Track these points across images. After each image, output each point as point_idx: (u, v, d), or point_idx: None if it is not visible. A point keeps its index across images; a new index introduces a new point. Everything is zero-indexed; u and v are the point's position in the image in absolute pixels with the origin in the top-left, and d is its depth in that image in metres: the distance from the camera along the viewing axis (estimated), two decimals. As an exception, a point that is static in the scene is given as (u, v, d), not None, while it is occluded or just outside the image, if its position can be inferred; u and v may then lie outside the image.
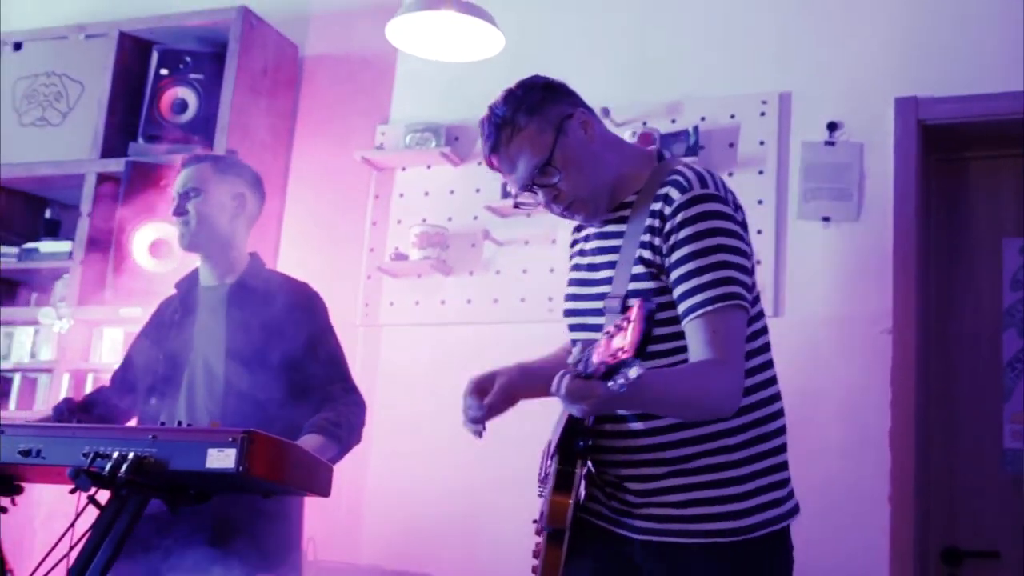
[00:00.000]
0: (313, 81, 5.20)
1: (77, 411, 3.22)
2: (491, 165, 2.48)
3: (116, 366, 3.49)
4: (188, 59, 5.01)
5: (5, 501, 2.80)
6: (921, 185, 4.09)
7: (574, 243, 2.69)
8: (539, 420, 3.14)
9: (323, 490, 2.55)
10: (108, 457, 2.24)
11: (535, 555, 2.45)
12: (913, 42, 4.14)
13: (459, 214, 4.71)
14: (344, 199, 4.95)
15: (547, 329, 4.44)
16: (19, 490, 2.79)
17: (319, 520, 3.78)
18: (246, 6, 4.97)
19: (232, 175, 3.27)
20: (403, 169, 4.86)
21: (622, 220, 2.42)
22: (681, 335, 2.28)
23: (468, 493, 4.31)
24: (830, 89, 4.23)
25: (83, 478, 2.24)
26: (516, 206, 2.59)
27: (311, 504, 3.17)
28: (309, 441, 2.88)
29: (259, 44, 5.00)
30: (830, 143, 4.20)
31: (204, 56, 5.02)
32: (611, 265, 2.41)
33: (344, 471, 2.87)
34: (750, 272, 2.31)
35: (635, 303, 1.79)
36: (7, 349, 5.13)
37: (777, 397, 2.42)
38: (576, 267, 2.61)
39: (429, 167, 4.80)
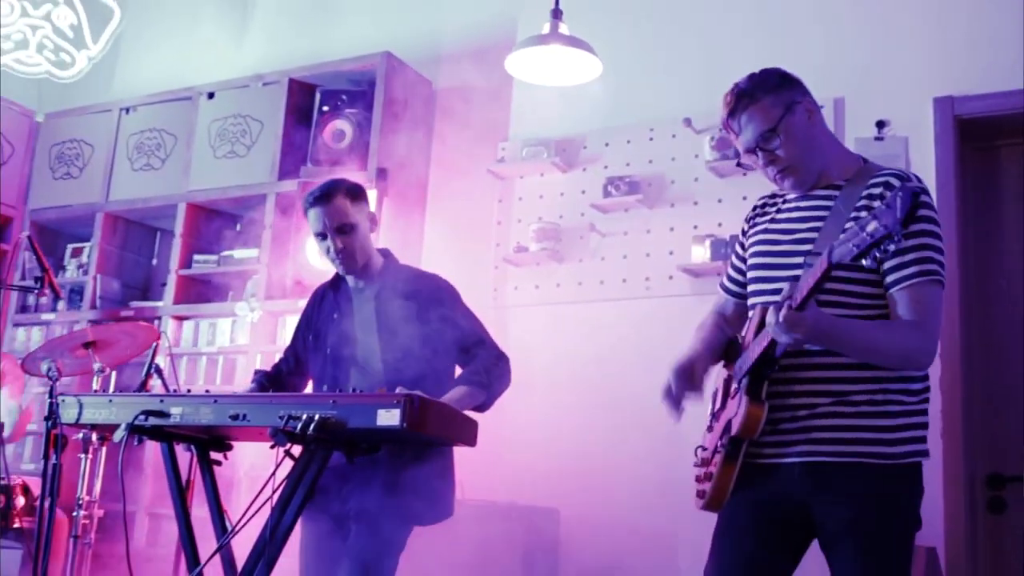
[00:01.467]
0: (445, 109, 5.26)
1: (269, 380, 3.25)
2: (726, 127, 2.50)
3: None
4: (344, 97, 5.10)
5: (219, 456, 2.96)
6: (958, 171, 4.06)
7: (763, 211, 2.65)
8: (640, 379, 3.23)
9: (470, 441, 2.62)
10: (299, 419, 2.35)
11: (700, 480, 2.48)
12: (948, 48, 4.10)
13: (568, 212, 4.78)
14: (474, 204, 5.01)
15: (644, 304, 4.56)
16: (229, 447, 2.94)
17: (464, 465, 3.90)
18: (389, 51, 5.08)
19: (361, 200, 3.15)
20: (521, 178, 4.93)
21: (830, 198, 2.42)
22: (873, 305, 2.33)
23: (588, 440, 4.34)
24: (877, 92, 4.20)
25: (280, 436, 2.36)
26: (738, 165, 2.61)
27: (458, 452, 3.14)
28: (457, 392, 2.86)
29: (400, 81, 5.09)
30: (879, 138, 4.17)
31: (357, 94, 5.11)
32: (814, 230, 2.40)
33: (485, 425, 2.87)
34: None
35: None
36: (212, 336, 5.28)
37: None
38: (765, 230, 2.56)
39: (542, 175, 4.87)
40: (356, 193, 3.13)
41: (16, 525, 3.90)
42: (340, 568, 2.92)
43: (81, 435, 3.86)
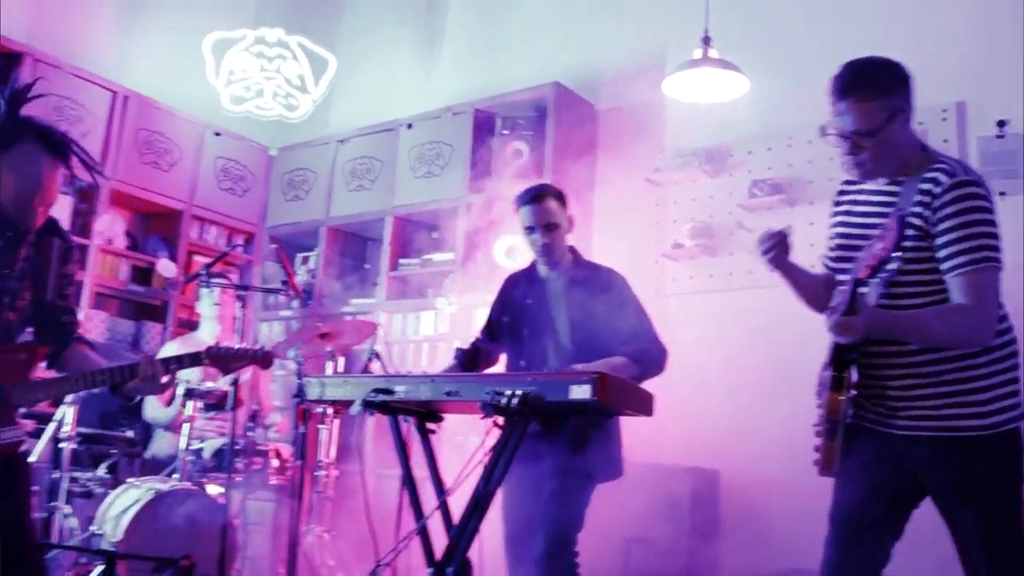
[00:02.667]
0: (606, 127, 5.31)
1: (467, 356, 3.33)
2: (832, 103, 2.38)
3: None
4: (521, 121, 5.22)
5: (433, 426, 3.11)
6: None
7: (845, 196, 2.58)
8: (785, 354, 3.20)
9: (648, 411, 2.67)
10: (503, 394, 2.41)
11: (816, 450, 2.45)
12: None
13: (718, 212, 4.77)
14: (634, 208, 5.04)
15: (787, 291, 4.48)
16: (441, 419, 3.01)
17: (636, 432, 3.95)
18: (557, 81, 5.19)
19: (565, 204, 3.22)
20: (675, 184, 4.95)
21: (895, 194, 2.36)
22: (929, 291, 2.28)
23: (741, 407, 4.33)
24: (995, 94, 4.07)
25: (489, 409, 2.42)
26: (823, 135, 2.44)
27: (631, 420, 3.15)
28: (615, 360, 2.88)
29: (567, 105, 5.18)
30: (1000, 136, 4.03)
31: (531, 118, 5.22)
32: (882, 215, 2.34)
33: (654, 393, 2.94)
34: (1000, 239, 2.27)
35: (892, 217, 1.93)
36: (416, 327, 5.48)
37: (1010, 329, 2.35)
38: (847, 213, 2.52)
39: (694, 181, 4.87)
40: (561, 198, 3.24)
41: (272, 482, 4.14)
42: (537, 518, 3.03)
43: (320, 409, 4.08)
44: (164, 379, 2.67)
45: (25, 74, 5.17)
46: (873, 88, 2.33)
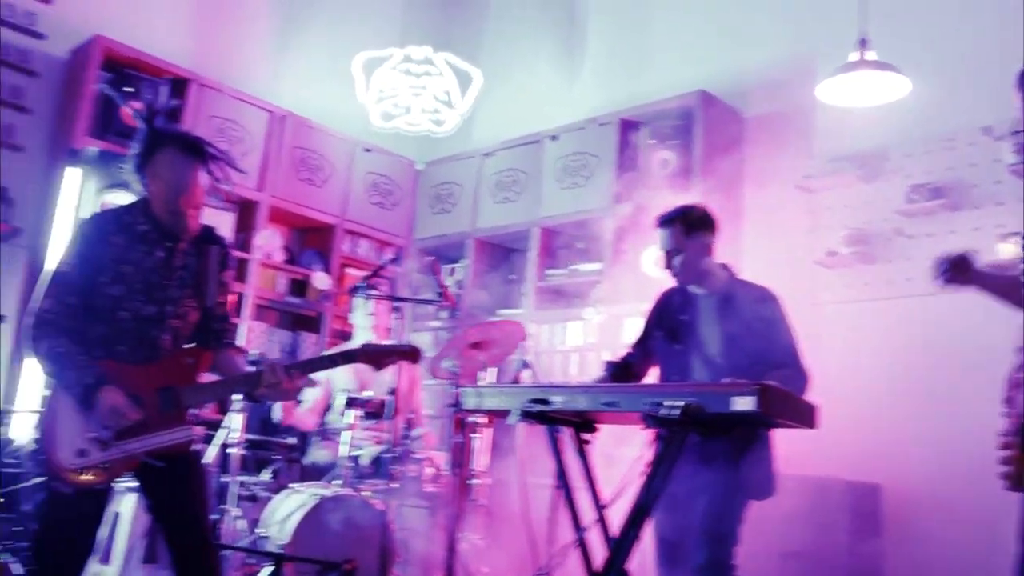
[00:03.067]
0: (754, 133, 5.23)
1: (619, 368, 3.32)
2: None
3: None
4: (667, 130, 5.17)
5: (588, 436, 3.11)
6: None
7: None
8: (947, 365, 3.05)
9: (811, 423, 2.61)
10: (664, 405, 2.41)
11: (1004, 462, 2.38)
12: None
13: (874, 219, 4.62)
14: (784, 216, 4.92)
15: (949, 299, 4.26)
16: (596, 429, 3.01)
17: (789, 443, 3.85)
18: (702, 89, 5.13)
19: (696, 230, 3.19)
20: (828, 190, 4.81)
21: None
22: None
23: (901, 420, 4.20)
24: None
25: (651, 420, 2.42)
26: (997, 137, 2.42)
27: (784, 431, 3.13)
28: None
29: (713, 114, 5.11)
30: None
31: (677, 127, 5.16)
32: None
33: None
34: None
35: None
36: (564, 337, 5.49)
37: None
38: None
39: (848, 187, 4.73)
40: (692, 223, 3.19)
41: (427, 489, 4.22)
42: (692, 533, 3.00)
43: (474, 418, 4.15)
44: (292, 384, 2.76)
45: (191, 97, 5.47)
46: None
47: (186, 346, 2.77)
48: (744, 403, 2.30)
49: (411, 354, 3.09)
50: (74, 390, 2.59)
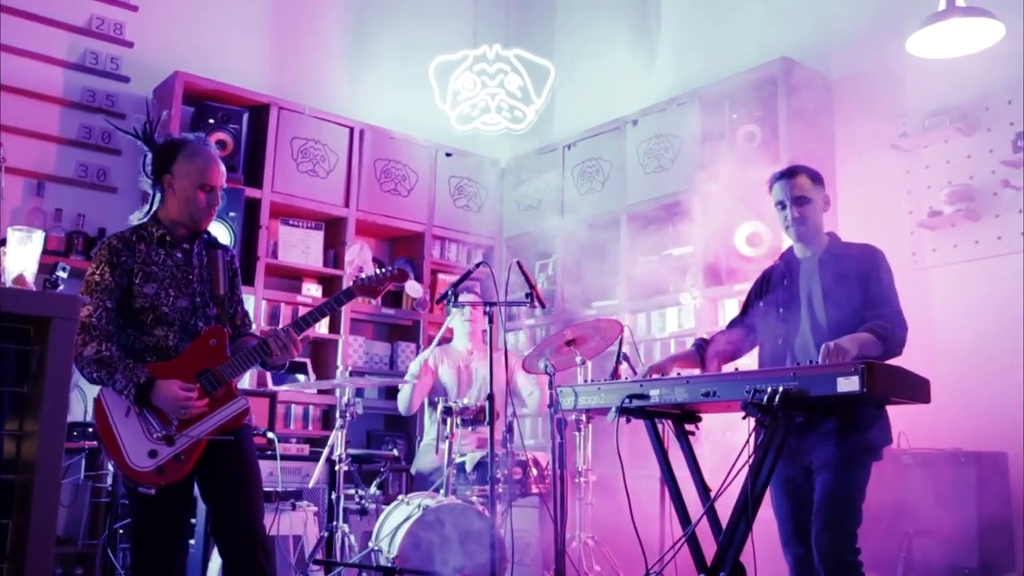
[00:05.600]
0: (842, 97, 5.04)
1: (702, 345, 3.29)
2: None
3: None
4: (750, 103, 5.02)
5: (691, 427, 3.04)
6: None
7: None
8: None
9: (924, 398, 2.49)
10: (764, 392, 2.35)
11: None
12: None
13: (978, 172, 4.40)
14: (880, 178, 4.76)
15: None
16: (699, 419, 2.98)
17: (905, 418, 3.70)
18: (784, 56, 4.97)
19: (819, 182, 3.20)
20: (925, 147, 4.61)
21: None
22: None
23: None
24: None
25: (751, 408, 2.38)
26: None
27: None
28: (861, 336, 2.75)
29: (797, 80, 4.92)
30: None
31: (761, 98, 5.00)
32: None
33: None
34: None
35: None
36: (662, 324, 5.42)
37: None
38: None
39: (946, 142, 4.51)
40: (815, 176, 3.23)
41: (533, 491, 4.20)
42: (812, 510, 2.90)
43: (574, 416, 4.11)
44: (297, 340, 3.01)
45: (272, 122, 5.58)
46: None
47: (204, 329, 2.96)
48: (849, 383, 2.22)
49: (399, 275, 3.38)
50: (127, 391, 2.75)
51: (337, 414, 4.06)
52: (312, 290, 5.80)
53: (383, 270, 3.37)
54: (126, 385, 2.75)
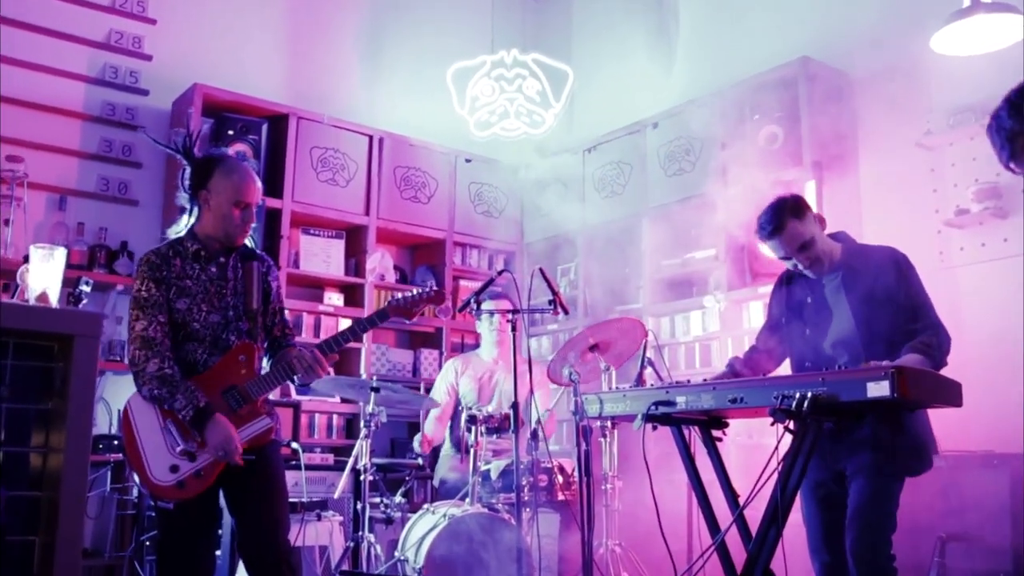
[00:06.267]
0: (864, 95, 4.98)
1: (741, 364, 3.20)
2: (1009, 170, 2.22)
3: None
4: (772, 103, 4.98)
5: (719, 433, 3.00)
6: None
7: None
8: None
9: (956, 402, 2.46)
10: (792, 397, 2.32)
11: None
12: None
13: (1005, 170, 4.34)
14: (905, 177, 4.69)
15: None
16: (726, 424, 2.95)
17: (937, 421, 3.65)
18: (804, 55, 4.93)
19: (804, 212, 3.01)
20: (950, 145, 4.54)
21: None
22: None
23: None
24: None
25: (779, 414, 2.34)
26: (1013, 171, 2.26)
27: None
28: (911, 359, 2.65)
29: (819, 80, 4.87)
30: None
31: (781, 99, 4.94)
32: None
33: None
34: None
35: None
36: (686, 327, 5.37)
37: None
38: None
39: (972, 139, 4.44)
40: (797, 210, 3.02)
41: (559, 498, 4.18)
42: (844, 519, 2.86)
43: (599, 423, 4.08)
44: (324, 362, 3.00)
45: (291, 131, 5.59)
46: None
47: (236, 343, 2.96)
48: (879, 388, 2.19)
49: (436, 297, 3.34)
50: (185, 412, 2.78)
51: (361, 423, 4.05)
52: (334, 299, 5.81)
53: (419, 291, 3.33)
54: (185, 406, 2.78)
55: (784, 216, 2.99)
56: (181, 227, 3.04)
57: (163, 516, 2.83)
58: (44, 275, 2.39)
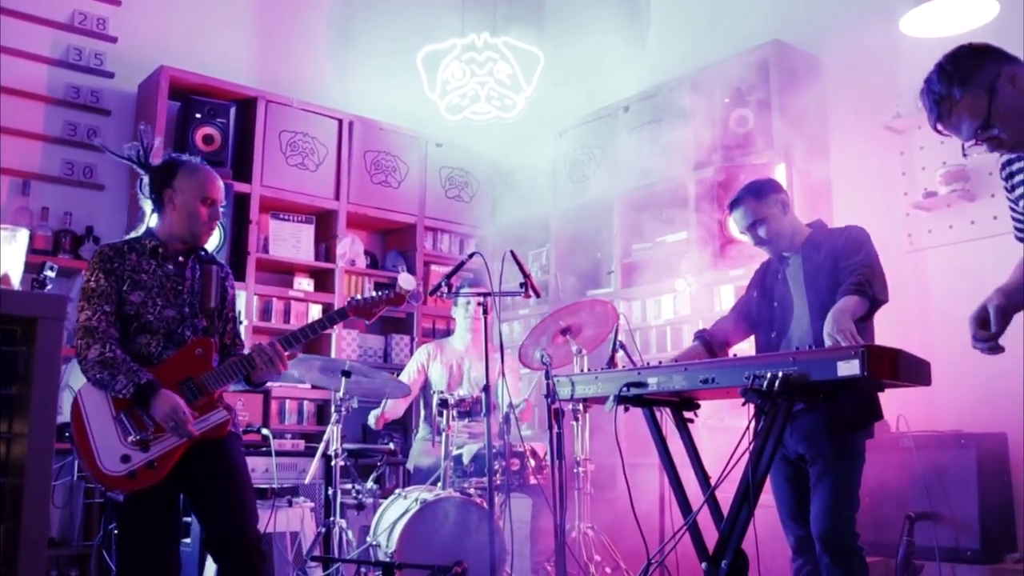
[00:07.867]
0: (834, 78, 5.02)
1: (710, 335, 3.28)
2: (936, 131, 2.33)
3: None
4: (743, 87, 5.00)
5: (690, 415, 3.01)
6: None
7: (1009, 168, 2.47)
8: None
9: (925, 380, 2.47)
10: (763, 377, 2.31)
11: None
12: None
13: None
14: (874, 160, 4.74)
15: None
16: (698, 406, 2.95)
17: (903, 402, 3.68)
18: (775, 39, 4.94)
19: (767, 194, 3.15)
20: (919, 128, 4.55)
21: None
22: None
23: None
24: None
25: (750, 394, 2.32)
26: (965, 155, 2.43)
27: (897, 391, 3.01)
28: (843, 302, 2.71)
29: (789, 64, 4.91)
30: None
31: (752, 82, 4.96)
32: None
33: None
34: None
35: None
36: (657, 311, 5.40)
37: None
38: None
39: (940, 122, 4.50)
40: (759, 191, 3.17)
41: (532, 482, 4.19)
42: (812, 496, 2.92)
43: (571, 406, 4.09)
44: (284, 358, 3.00)
45: (259, 115, 5.54)
46: (952, 88, 2.26)
47: (192, 338, 2.96)
48: (849, 367, 2.20)
49: (396, 299, 3.39)
50: (125, 392, 2.76)
51: (332, 409, 4.03)
52: (304, 284, 5.77)
53: (379, 293, 3.38)
54: (126, 384, 2.75)
55: (746, 193, 3.18)
56: (138, 232, 3.05)
57: (117, 509, 2.83)
58: (6, 257, 2.35)
